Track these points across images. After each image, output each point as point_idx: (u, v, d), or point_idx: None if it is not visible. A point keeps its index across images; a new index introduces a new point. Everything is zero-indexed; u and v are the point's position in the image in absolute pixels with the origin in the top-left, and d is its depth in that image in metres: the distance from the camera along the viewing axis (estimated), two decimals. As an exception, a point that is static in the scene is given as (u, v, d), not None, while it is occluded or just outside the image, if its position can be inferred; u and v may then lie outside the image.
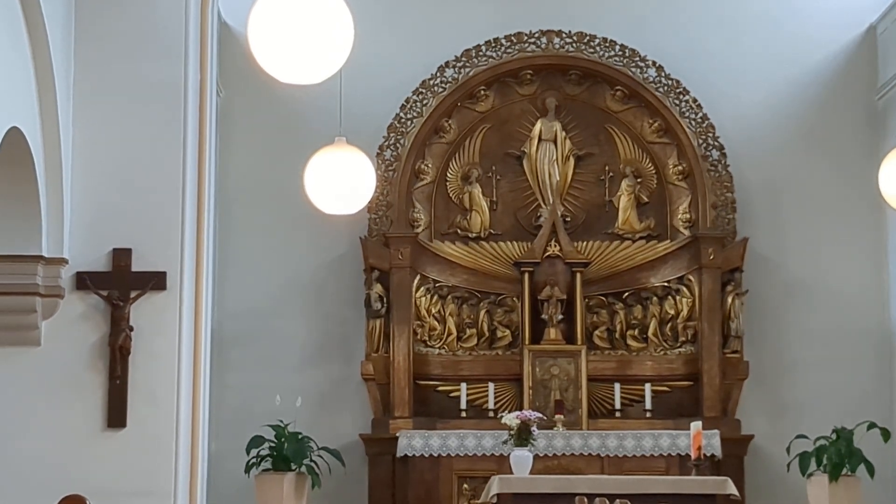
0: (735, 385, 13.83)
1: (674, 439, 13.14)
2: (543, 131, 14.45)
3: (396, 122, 14.27)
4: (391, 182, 14.11)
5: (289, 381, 13.64)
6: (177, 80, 10.47)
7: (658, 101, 14.29)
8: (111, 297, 10.24)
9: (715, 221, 14.10)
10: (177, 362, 10.30)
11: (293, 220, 13.99)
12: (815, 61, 14.58)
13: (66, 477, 9.67)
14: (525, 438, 11.69)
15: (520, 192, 14.50)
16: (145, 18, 10.49)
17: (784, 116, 14.55)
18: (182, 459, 10.30)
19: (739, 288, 13.95)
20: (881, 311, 14.18)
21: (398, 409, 13.67)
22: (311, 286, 14.31)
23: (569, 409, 13.62)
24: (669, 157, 14.38)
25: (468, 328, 14.23)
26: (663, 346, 14.11)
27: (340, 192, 10.56)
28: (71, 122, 10.25)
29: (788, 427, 13.38)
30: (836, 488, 12.38)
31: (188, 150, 10.49)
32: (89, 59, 10.36)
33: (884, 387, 14.03)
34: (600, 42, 14.38)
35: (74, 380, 10.19)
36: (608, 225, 14.41)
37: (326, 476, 12.79)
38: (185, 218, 10.42)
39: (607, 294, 14.25)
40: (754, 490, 13.68)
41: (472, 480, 13.07)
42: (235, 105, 14.30)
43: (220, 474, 13.20)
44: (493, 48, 14.42)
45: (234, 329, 14.04)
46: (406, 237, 14.04)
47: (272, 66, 6.26)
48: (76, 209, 10.26)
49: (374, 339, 13.84)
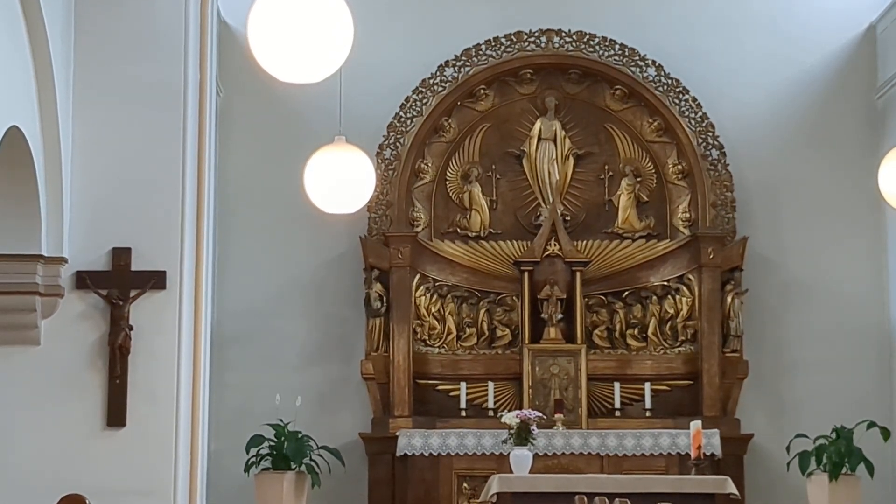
0: (735, 384, 13.83)
1: (673, 438, 13.14)
2: (543, 130, 14.45)
3: (396, 122, 14.26)
4: (391, 181, 14.10)
5: (288, 381, 13.64)
6: (176, 80, 10.47)
7: (658, 100, 14.29)
8: (111, 297, 10.24)
9: (714, 221, 14.09)
10: (176, 361, 10.30)
11: (293, 219, 13.99)
12: (815, 60, 14.57)
13: (66, 476, 9.67)
14: (525, 438, 11.69)
15: (519, 191, 14.50)
16: (145, 18, 10.49)
17: (784, 115, 14.54)
18: (182, 459, 10.30)
19: (739, 287, 13.94)
20: (881, 310, 14.17)
21: (398, 409, 13.66)
22: (311, 285, 14.30)
23: (568, 408, 13.62)
24: (669, 157, 14.37)
25: (468, 327, 14.22)
26: (663, 346, 14.10)
27: (340, 191, 10.54)
28: (70, 122, 10.25)
29: (788, 426, 13.39)
30: (836, 487, 12.38)
31: (188, 150, 10.48)
32: (89, 58, 10.36)
33: (884, 386, 14.03)
34: (600, 41, 14.37)
35: (74, 379, 10.19)
36: (608, 224, 14.41)
37: (326, 475, 12.79)
38: (185, 217, 10.41)
39: (607, 293, 14.25)
40: (754, 489, 13.67)
41: (471, 479, 13.08)
42: (235, 104, 14.29)
43: (220, 473, 13.20)
44: (492, 47, 14.41)
45: (234, 328, 14.03)
46: (406, 236, 14.03)
47: (272, 66, 6.25)
48: (76, 208, 10.25)
49: (374, 338, 13.84)
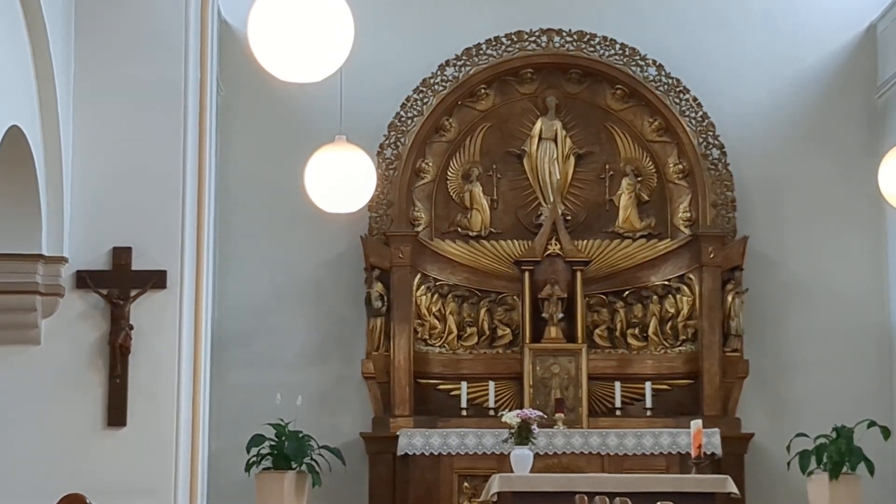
0: (735, 383, 13.83)
1: (674, 438, 13.14)
2: (544, 130, 14.45)
3: (397, 121, 14.26)
4: (392, 181, 14.10)
5: (289, 380, 13.64)
6: (177, 79, 10.46)
7: (658, 99, 14.29)
8: (111, 296, 10.23)
9: (715, 220, 14.09)
10: (177, 361, 10.29)
11: (293, 218, 13.99)
12: (815, 60, 14.57)
13: (66, 476, 9.65)
14: (525, 437, 11.69)
15: (520, 190, 14.50)
16: (145, 17, 10.48)
17: (784, 115, 14.54)
18: (182, 458, 10.29)
19: (739, 286, 13.94)
20: (881, 310, 14.17)
21: (398, 408, 13.66)
22: (312, 285, 14.30)
23: (569, 407, 13.62)
24: (670, 156, 14.37)
25: (468, 327, 14.22)
26: (663, 345, 14.10)
27: (341, 190, 10.53)
28: (71, 121, 10.24)
29: (788, 425, 13.40)
30: (837, 486, 12.39)
31: (188, 149, 10.47)
32: (89, 57, 10.35)
33: (884, 385, 14.03)
34: (600, 41, 14.37)
35: (74, 379, 10.18)
36: (608, 223, 14.41)
37: (327, 475, 12.79)
38: (186, 216, 10.40)
39: (608, 293, 14.25)
40: (754, 488, 13.67)
41: (472, 479, 13.09)
42: (236, 103, 14.29)
43: (221, 473, 13.19)
44: (493, 47, 14.41)
45: (235, 327, 14.03)
46: (406, 236, 14.03)
47: (272, 65, 6.25)
48: (76, 207, 10.25)
49: (375, 337, 13.84)
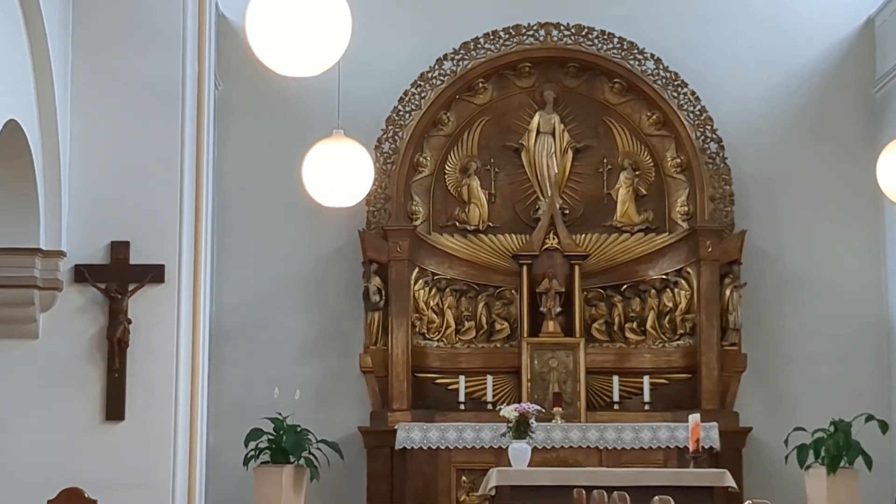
0: (733, 377, 13.83)
1: (672, 432, 13.15)
2: (542, 124, 14.45)
3: (395, 115, 14.26)
4: (389, 175, 14.09)
5: (287, 374, 13.63)
6: (175, 73, 10.47)
7: (656, 93, 14.28)
8: (109, 290, 10.25)
9: (713, 214, 14.09)
10: (175, 355, 10.31)
11: (291, 212, 13.98)
12: (814, 54, 14.57)
13: (65, 470, 9.68)
14: (523, 431, 11.70)
15: (518, 184, 14.49)
16: (143, 11, 10.49)
17: (782, 109, 14.53)
18: (180, 452, 10.31)
19: (737, 280, 13.94)
20: (879, 304, 14.18)
21: (396, 402, 13.67)
22: (310, 279, 14.29)
23: (567, 401, 13.63)
24: (667, 150, 14.37)
25: (466, 321, 14.22)
26: (661, 339, 14.11)
27: (338, 184, 10.53)
28: (69, 115, 10.25)
29: (786, 419, 13.41)
30: (834, 480, 12.40)
31: (186, 143, 10.49)
32: (87, 51, 10.36)
33: (882, 379, 14.03)
34: (598, 35, 14.36)
35: (72, 373, 10.20)
36: (606, 217, 14.41)
37: (325, 469, 12.80)
38: (183, 211, 10.42)
39: (606, 287, 14.25)
40: (752, 482, 13.67)
41: (470, 473, 13.09)
42: (233, 98, 14.28)
43: (219, 467, 13.20)
44: (491, 41, 14.40)
45: (233, 322, 14.03)
46: (404, 230, 14.02)
47: (270, 59, 6.25)
48: (74, 202, 10.25)
49: (373, 331, 13.84)
